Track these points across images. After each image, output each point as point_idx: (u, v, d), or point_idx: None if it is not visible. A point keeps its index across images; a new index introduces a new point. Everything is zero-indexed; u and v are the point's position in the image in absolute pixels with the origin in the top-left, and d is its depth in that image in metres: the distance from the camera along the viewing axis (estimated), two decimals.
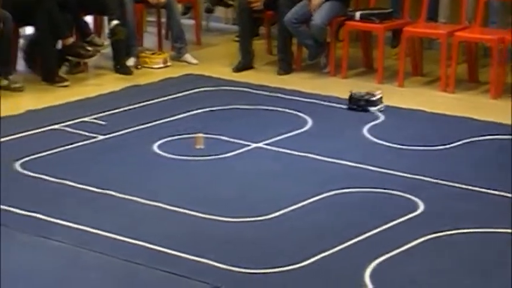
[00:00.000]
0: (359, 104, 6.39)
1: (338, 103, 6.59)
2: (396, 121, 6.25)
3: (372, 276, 4.08)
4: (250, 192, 5.04)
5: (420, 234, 4.46)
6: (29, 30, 7.53)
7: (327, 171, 5.35)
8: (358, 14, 7.24)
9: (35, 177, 5.21)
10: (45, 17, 6.95)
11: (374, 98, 6.40)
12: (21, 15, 6.94)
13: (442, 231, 4.49)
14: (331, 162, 5.46)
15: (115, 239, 4.44)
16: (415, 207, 4.81)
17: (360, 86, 7.06)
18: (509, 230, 4.50)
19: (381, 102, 6.41)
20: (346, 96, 6.69)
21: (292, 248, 4.36)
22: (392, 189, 5.02)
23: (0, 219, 4.61)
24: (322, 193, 4.97)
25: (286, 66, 7.45)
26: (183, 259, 4.24)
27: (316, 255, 4.25)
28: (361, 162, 5.43)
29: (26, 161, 5.43)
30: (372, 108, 6.35)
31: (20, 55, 7.47)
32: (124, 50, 7.45)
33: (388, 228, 4.56)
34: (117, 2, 7.37)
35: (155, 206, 4.83)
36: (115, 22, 7.28)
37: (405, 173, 5.26)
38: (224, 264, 4.17)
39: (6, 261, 4.21)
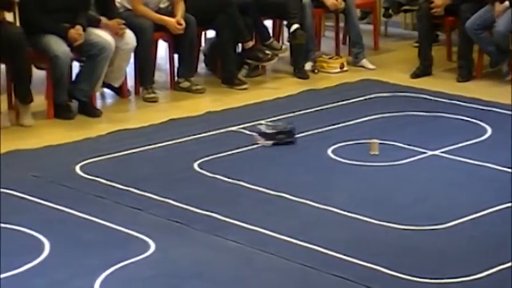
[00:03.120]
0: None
1: None
2: None
3: None
4: (426, 200, 4.97)
5: None
6: (210, 33, 7.73)
7: (506, 181, 5.19)
8: None
9: (212, 177, 5.33)
10: (227, 21, 7.12)
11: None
12: (204, 19, 7.13)
13: None
14: (511, 173, 5.30)
15: (288, 241, 4.48)
16: None
17: None
18: None
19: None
20: None
21: (469, 259, 4.27)
22: None
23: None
24: (500, 204, 4.83)
25: (466, 73, 7.29)
26: (355, 265, 4.22)
27: (492, 267, 4.14)
28: None
29: (204, 161, 5.57)
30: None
31: (201, 58, 7.68)
32: (303, 55, 7.52)
33: None
34: (298, 6, 7.44)
35: (328, 210, 4.84)
36: (295, 26, 7.35)
37: None
38: (397, 272, 4.12)
39: (183, 258, 4.33)
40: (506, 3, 7.02)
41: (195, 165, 5.52)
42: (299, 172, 5.42)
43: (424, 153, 5.66)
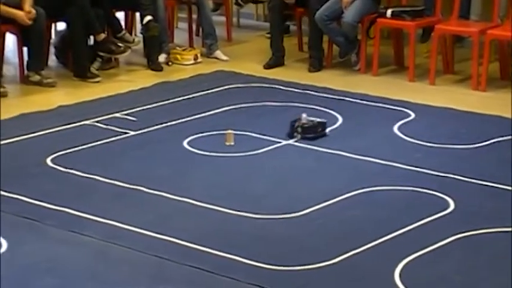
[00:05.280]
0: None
1: (368, 100, 6.57)
2: (427, 119, 6.21)
3: (401, 274, 4.05)
4: (281, 189, 5.04)
5: (450, 233, 4.43)
6: (61, 26, 7.58)
7: (357, 168, 5.33)
8: (389, 11, 7.21)
9: (66, 172, 5.24)
10: (78, 12, 6.99)
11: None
12: (54, 11, 6.98)
13: (472, 230, 4.46)
14: (362, 159, 5.44)
15: (144, 234, 4.45)
16: (445, 205, 4.78)
17: (391, 83, 7.05)
18: None
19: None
20: (377, 93, 6.68)
21: (322, 246, 4.35)
22: (423, 188, 4.99)
23: None
24: (352, 191, 4.95)
25: (316, 64, 7.43)
26: (212, 255, 4.24)
27: (346, 253, 4.24)
28: (392, 159, 5.40)
29: (57, 156, 5.47)
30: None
31: (52, 51, 7.52)
32: (156, 47, 7.48)
33: (418, 226, 4.54)
34: None
35: (185, 201, 4.84)
36: (148, 18, 7.30)
37: (436, 171, 5.23)
38: (253, 260, 4.17)
39: (37, 255, 4.24)
40: None
41: (48, 160, 5.40)
42: (155, 165, 5.39)
43: (279, 142, 5.74)
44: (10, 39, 7.23)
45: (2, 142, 5.70)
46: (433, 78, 7.04)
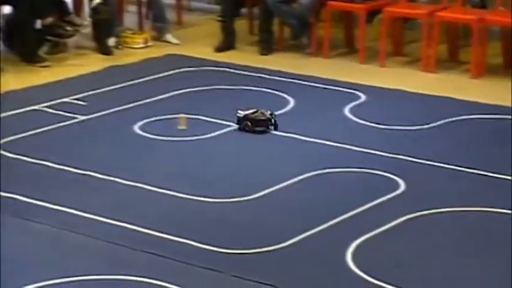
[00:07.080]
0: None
1: (320, 83, 6.60)
2: (378, 101, 6.26)
3: (353, 255, 4.10)
4: (234, 173, 5.05)
5: (401, 213, 4.48)
6: (7, 9, 7.46)
7: (309, 151, 5.36)
8: None
9: (16, 158, 5.18)
10: None
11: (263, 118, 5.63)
12: None
13: (422, 211, 4.52)
14: (314, 142, 5.47)
15: (98, 220, 4.43)
16: (396, 186, 4.83)
17: (342, 65, 7.08)
18: (488, 209, 4.54)
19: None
20: (328, 76, 6.71)
21: (275, 228, 4.37)
22: (374, 169, 5.04)
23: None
24: (304, 173, 4.98)
25: (267, 47, 7.43)
26: (167, 240, 4.24)
27: (298, 235, 4.27)
28: (343, 142, 5.44)
29: (6, 142, 5.40)
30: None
31: None
32: (106, 30, 7.41)
33: (370, 207, 4.58)
34: None
35: (137, 187, 4.82)
36: (97, 1, 7.23)
37: (387, 152, 5.28)
38: (208, 245, 4.18)
39: None
40: None
41: None
42: (106, 149, 5.36)
43: (231, 126, 5.74)
44: None
45: None
46: (383, 61, 7.08)
